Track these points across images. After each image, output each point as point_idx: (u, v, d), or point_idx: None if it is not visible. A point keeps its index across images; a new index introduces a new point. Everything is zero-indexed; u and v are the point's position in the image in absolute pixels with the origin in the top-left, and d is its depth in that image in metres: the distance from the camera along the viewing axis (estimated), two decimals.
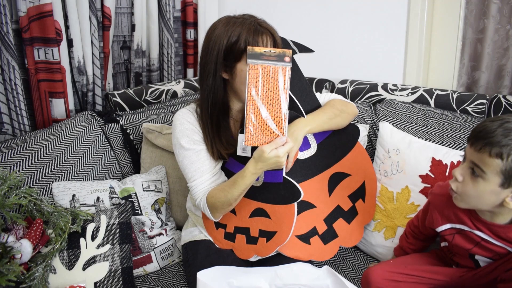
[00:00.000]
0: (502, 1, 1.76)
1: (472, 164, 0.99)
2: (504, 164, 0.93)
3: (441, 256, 1.30)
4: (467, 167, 1.00)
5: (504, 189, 0.97)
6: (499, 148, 0.93)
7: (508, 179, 0.95)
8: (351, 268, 1.50)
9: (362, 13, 1.96)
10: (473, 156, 0.98)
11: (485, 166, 0.96)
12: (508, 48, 1.79)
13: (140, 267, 1.43)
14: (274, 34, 1.22)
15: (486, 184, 0.97)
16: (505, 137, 0.93)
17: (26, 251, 1.07)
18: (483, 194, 0.99)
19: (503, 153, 0.93)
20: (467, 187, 1.00)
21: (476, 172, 0.98)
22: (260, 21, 1.23)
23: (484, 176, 0.97)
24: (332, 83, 1.98)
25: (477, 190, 0.99)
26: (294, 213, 1.26)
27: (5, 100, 1.56)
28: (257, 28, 1.19)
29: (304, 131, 1.26)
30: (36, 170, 1.39)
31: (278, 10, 2.12)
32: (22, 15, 1.53)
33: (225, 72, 1.22)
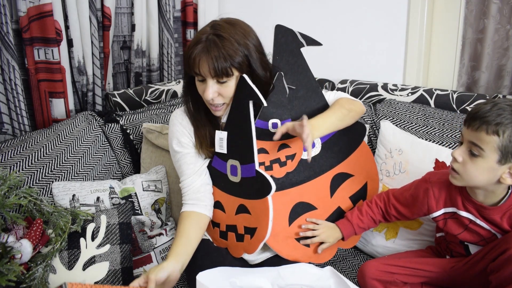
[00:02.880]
0: (502, 1, 1.76)
1: (470, 144, 1.05)
2: (501, 140, 1.01)
3: (436, 251, 1.34)
4: (465, 148, 1.07)
5: (501, 166, 1.03)
6: (495, 126, 1.01)
7: (505, 155, 1.02)
8: (351, 268, 1.49)
9: (362, 13, 1.96)
10: (471, 136, 1.05)
11: (483, 143, 1.03)
12: (508, 48, 1.79)
13: (140, 267, 1.43)
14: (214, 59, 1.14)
15: (485, 161, 1.04)
16: (499, 115, 1.01)
17: (26, 251, 1.07)
18: (482, 171, 1.05)
19: (499, 130, 1.00)
20: (467, 166, 1.07)
21: (474, 151, 1.05)
22: (212, 37, 1.16)
23: (483, 154, 1.03)
24: (332, 83, 1.98)
25: (476, 168, 1.05)
26: (268, 207, 1.22)
27: (5, 100, 1.56)
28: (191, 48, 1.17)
29: (315, 136, 1.21)
30: (36, 170, 1.39)
31: (278, 10, 2.12)
32: (22, 15, 1.53)
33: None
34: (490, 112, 1.02)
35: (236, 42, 1.16)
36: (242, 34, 1.19)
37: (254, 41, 1.22)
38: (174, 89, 1.95)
